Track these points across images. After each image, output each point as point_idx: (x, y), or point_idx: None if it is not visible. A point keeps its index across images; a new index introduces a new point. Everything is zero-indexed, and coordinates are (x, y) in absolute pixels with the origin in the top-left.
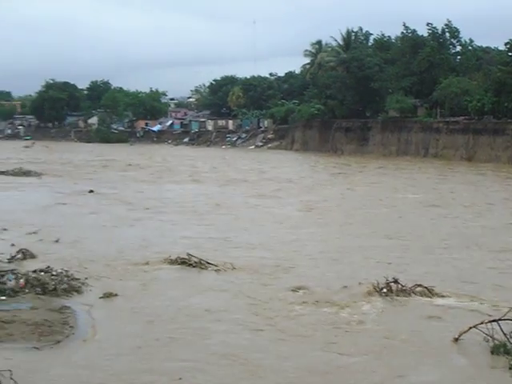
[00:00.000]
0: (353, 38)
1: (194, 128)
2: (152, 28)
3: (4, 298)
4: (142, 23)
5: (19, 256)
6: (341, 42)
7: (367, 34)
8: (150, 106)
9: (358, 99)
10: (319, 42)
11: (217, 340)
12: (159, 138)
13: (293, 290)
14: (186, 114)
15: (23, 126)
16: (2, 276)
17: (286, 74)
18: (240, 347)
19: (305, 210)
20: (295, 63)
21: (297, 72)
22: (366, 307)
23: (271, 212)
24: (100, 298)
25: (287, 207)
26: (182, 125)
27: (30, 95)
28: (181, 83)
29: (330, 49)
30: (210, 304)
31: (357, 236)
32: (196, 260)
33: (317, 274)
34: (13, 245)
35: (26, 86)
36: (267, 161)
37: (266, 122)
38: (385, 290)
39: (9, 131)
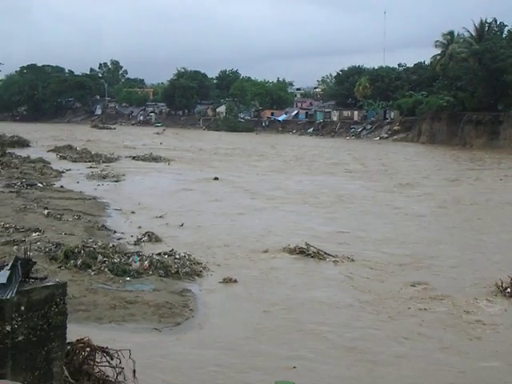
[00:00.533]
0: (486, 29)
1: (319, 118)
2: (281, 18)
3: (128, 278)
4: (271, 14)
5: (145, 238)
6: (473, 33)
7: (501, 26)
8: (276, 95)
9: (490, 92)
10: (451, 33)
11: (332, 333)
12: (284, 127)
13: (412, 285)
14: (311, 104)
15: (155, 112)
16: (128, 257)
17: (414, 64)
18: (356, 341)
19: (439, 207)
20: (424, 54)
21: (426, 63)
22: (489, 308)
23: (400, 207)
24: (220, 282)
25: (420, 203)
26: (307, 115)
27: (162, 83)
28: (308, 73)
29: (462, 40)
30: (327, 296)
31: (484, 233)
32: (314, 250)
33: (438, 270)
34: (139, 227)
35: (159, 74)
36: (396, 152)
37: (392, 114)
38: (509, 290)
39: (141, 118)
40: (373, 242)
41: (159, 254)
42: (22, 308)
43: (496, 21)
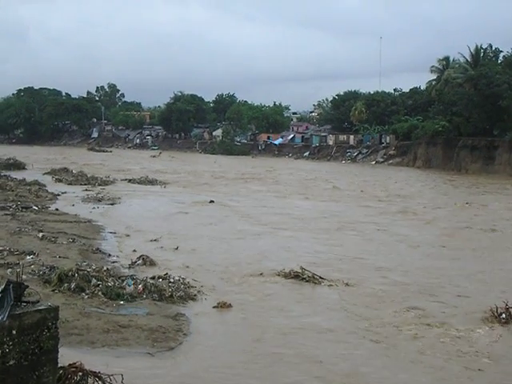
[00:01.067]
0: (482, 54)
1: (315, 142)
2: (276, 42)
3: (122, 302)
4: (265, 38)
5: (140, 262)
6: (469, 59)
7: (497, 51)
8: (272, 119)
9: (485, 117)
10: (446, 58)
11: (328, 361)
12: (280, 151)
13: (408, 311)
14: (307, 128)
15: (151, 136)
16: (122, 281)
17: (410, 89)
18: (353, 370)
19: (447, 235)
20: (420, 79)
21: (422, 88)
22: (484, 335)
23: (400, 233)
24: (214, 307)
25: (421, 229)
26: (303, 139)
27: (159, 106)
28: (304, 97)
29: (457, 65)
30: (321, 321)
31: (488, 261)
32: (309, 274)
33: (437, 296)
34: (134, 251)
35: (156, 98)
36: (392, 177)
37: (388, 138)
38: (504, 316)
39: (137, 141)
40: (370, 268)
41: (153, 278)
42: (14, 332)
43: (491, 46)
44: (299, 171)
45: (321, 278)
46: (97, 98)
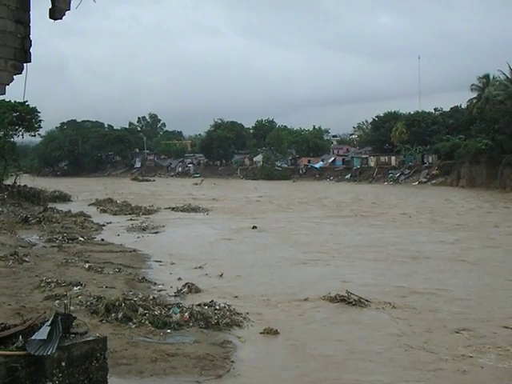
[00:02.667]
0: None
1: (356, 164)
2: (311, 67)
3: (169, 331)
4: (300, 62)
5: (185, 290)
6: (509, 76)
7: None
8: (312, 143)
9: None
10: (487, 76)
11: None
12: (321, 174)
13: (456, 332)
14: (348, 151)
15: (193, 164)
16: (168, 309)
17: (451, 108)
18: None
19: (496, 253)
20: (459, 98)
21: (463, 106)
22: None
23: (461, 256)
24: (260, 333)
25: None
26: (343, 161)
27: (200, 134)
28: (343, 120)
29: (497, 82)
30: (370, 344)
31: None
32: (356, 298)
33: (488, 318)
34: (179, 278)
35: (196, 126)
36: (438, 197)
37: (430, 158)
38: None
39: (179, 169)
40: (420, 292)
41: (199, 305)
42: (63, 364)
43: None
44: (342, 194)
45: (367, 301)
46: (139, 129)
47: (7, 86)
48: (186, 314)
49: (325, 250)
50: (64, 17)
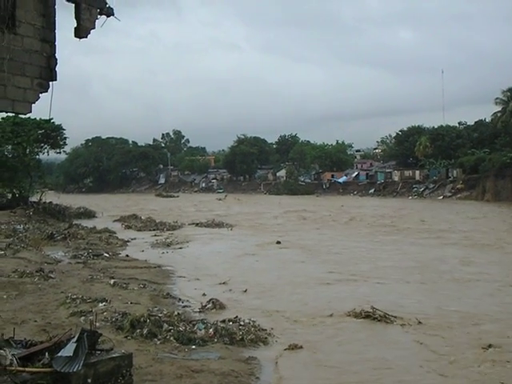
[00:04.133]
0: None
1: (380, 179)
2: (332, 82)
3: (194, 347)
4: (321, 77)
5: (209, 305)
6: None
7: None
8: (336, 158)
9: None
10: (511, 90)
11: None
12: (345, 189)
13: (483, 348)
14: (371, 165)
15: (216, 179)
16: (193, 325)
17: (475, 122)
18: None
19: None
20: (484, 111)
21: (487, 120)
22: None
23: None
24: (285, 349)
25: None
26: (367, 176)
27: (223, 150)
28: (366, 134)
29: None
30: (395, 360)
31: None
32: (381, 314)
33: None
34: (204, 294)
35: (220, 142)
36: (465, 212)
37: (454, 172)
38: None
39: (203, 184)
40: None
41: (224, 321)
42: (89, 380)
43: None
44: (366, 208)
45: (393, 316)
46: (163, 145)
47: (33, 104)
48: (211, 330)
49: (358, 269)
50: (89, 35)
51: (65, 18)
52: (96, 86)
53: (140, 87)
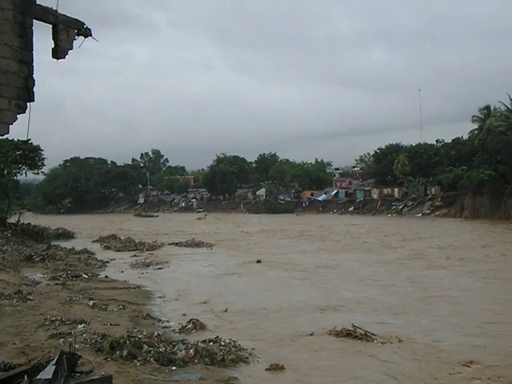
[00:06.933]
0: None
1: (359, 197)
2: (308, 101)
3: (175, 368)
4: (298, 97)
5: (190, 326)
6: (510, 107)
7: None
8: (315, 176)
9: None
10: (487, 107)
11: None
12: (324, 207)
13: (464, 365)
14: (350, 183)
15: (196, 198)
16: (173, 346)
17: (452, 140)
18: None
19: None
20: (461, 129)
21: (464, 138)
22: None
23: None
24: (266, 369)
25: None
26: (346, 194)
27: (203, 169)
28: (345, 153)
29: (498, 113)
30: (379, 379)
31: None
32: (362, 332)
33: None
34: (184, 314)
35: (199, 161)
36: (445, 229)
37: (433, 189)
38: None
39: (183, 204)
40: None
41: (204, 342)
42: None
43: None
44: (344, 226)
45: (373, 334)
46: (142, 165)
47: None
48: (191, 350)
49: (340, 282)
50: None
51: (39, 40)
52: (72, 107)
53: (116, 107)
